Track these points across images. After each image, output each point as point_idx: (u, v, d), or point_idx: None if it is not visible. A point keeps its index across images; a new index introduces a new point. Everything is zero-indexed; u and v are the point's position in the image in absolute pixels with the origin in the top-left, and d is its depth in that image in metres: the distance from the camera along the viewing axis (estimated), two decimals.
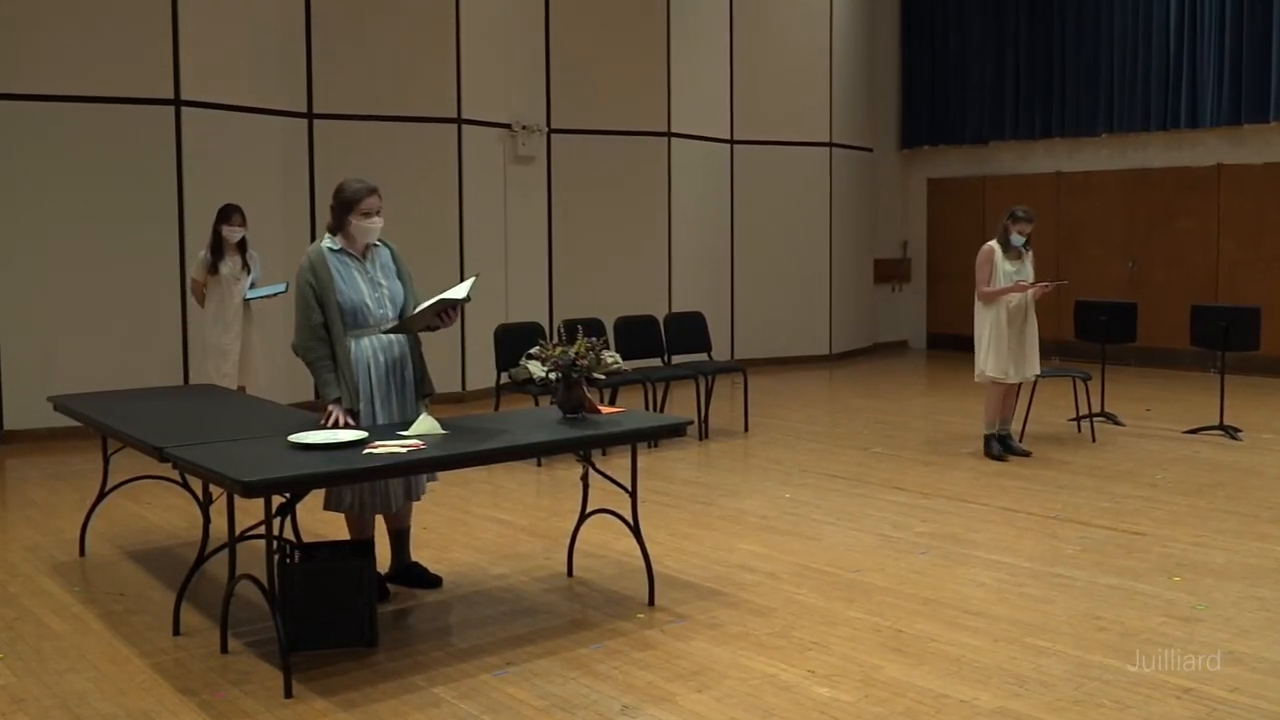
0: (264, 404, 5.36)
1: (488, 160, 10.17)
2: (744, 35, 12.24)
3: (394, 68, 9.53)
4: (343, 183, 4.43)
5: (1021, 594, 4.55)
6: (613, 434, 4.38)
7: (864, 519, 5.81)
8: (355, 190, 4.36)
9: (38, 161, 8.04)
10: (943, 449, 7.69)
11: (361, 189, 4.36)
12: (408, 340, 4.48)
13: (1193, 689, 3.58)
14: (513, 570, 4.94)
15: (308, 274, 4.30)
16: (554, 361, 4.43)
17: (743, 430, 8.46)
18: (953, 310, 13.29)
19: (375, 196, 4.38)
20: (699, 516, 5.90)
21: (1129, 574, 4.80)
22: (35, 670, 3.85)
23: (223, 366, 7.01)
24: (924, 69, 14.04)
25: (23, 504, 6.36)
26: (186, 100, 8.41)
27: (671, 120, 11.45)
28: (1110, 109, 12.29)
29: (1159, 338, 11.06)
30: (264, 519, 3.62)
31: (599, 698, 3.54)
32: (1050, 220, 12.16)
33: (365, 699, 3.55)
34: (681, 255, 11.63)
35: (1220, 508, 5.97)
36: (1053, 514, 5.86)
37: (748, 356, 11.81)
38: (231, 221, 7.02)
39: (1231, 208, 11.58)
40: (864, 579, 4.77)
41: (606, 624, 4.22)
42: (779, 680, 3.68)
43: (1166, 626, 4.15)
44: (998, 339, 7.09)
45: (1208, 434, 8.02)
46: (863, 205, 13.60)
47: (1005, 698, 3.53)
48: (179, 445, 3.97)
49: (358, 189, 4.36)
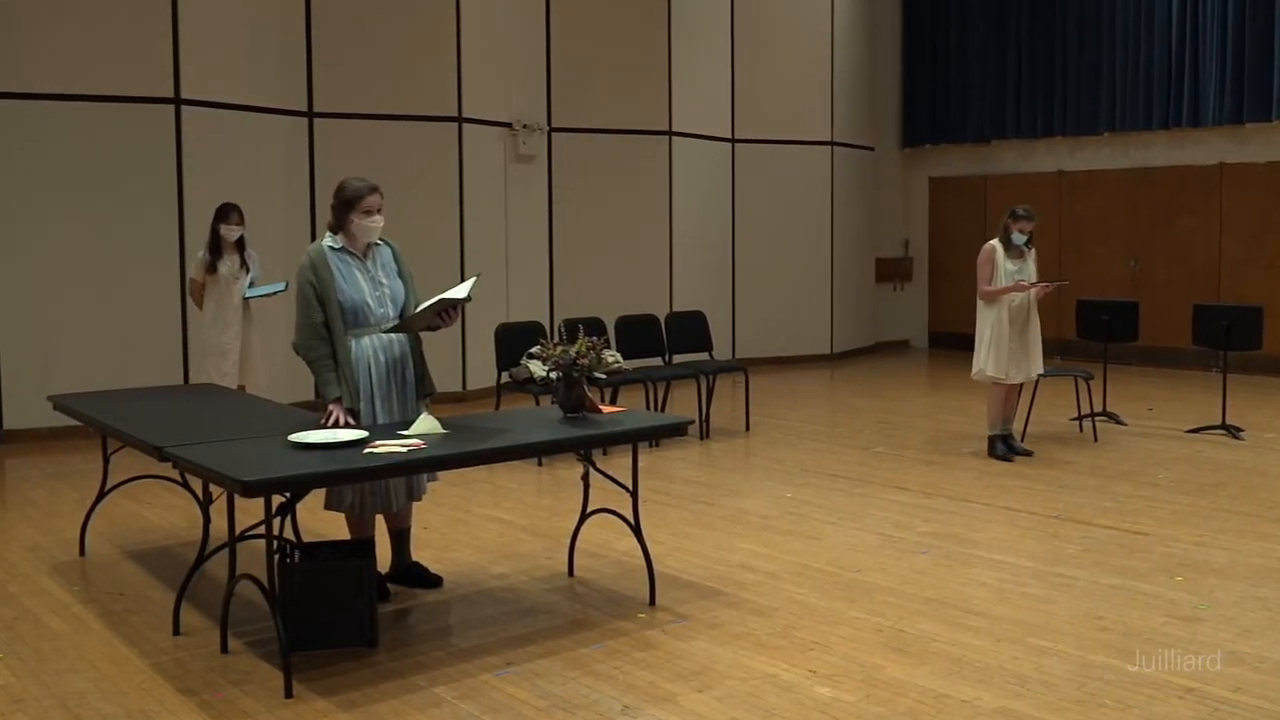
0: (264, 403, 5.36)
1: (488, 159, 10.16)
2: (745, 33, 12.23)
3: (394, 66, 9.52)
4: (343, 181, 4.42)
5: (1023, 594, 4.54)
6: (614, 433, 4.37)
7: (865, 519, 5.80)
8: (356, 189, 4.35)
9: (37, 161, 8.04)
10: (944, 449, 7.67)
11: (362, 187, 4.35)
12: (408, 339, 4.47)
13: (1195, 689, 3.58)
14: (513, 570, 4.94)
15: (308, 272, 4.29)
16: (555, 361, 4.42)
17: (744, 430, 8.45)
18: (954, 309, 13.27)
19: (376, 195, 4.37)
20: (700, 516, 5.89)
21: (1131, 574, 4.79)
22: (35, 670, 3.84)
23: (222, 366, 6.99)
24: (925, 67, 14.01)
25: (22, 503, 6.35)
26: (187, 99, 8.40)
27: (672, 119, 11.43)
28: (1112, 108, 12.27)
29: (1161, 337, 11.03)
30: (264, 518, 3.61)
31: (600, 698, 3.54)
32: (1052, 219, 12.15)
33: (366, 699, 3.54)
34: (682, 254, 11.62)
35: (1222, 507, 5.96)
36: (1055, 514, 5.85)
37: (749, 356, 11.79)
38: (230, 220, 7.01)
39: (1234, 207, 11.56)
40: (865, 579, 4.76)
41: (607, 624, 4.21)
42: (780, 680, 3.68)
43: (1169, 626, 4.14)
44: (999, 339, 7.08)
45: (1210, 433, 8.01)
46: (864, 204, 13.58)
47: (1007, 698, 3.52)
48: (179, 445, 3.97)
49: (359, 187, 4.35)
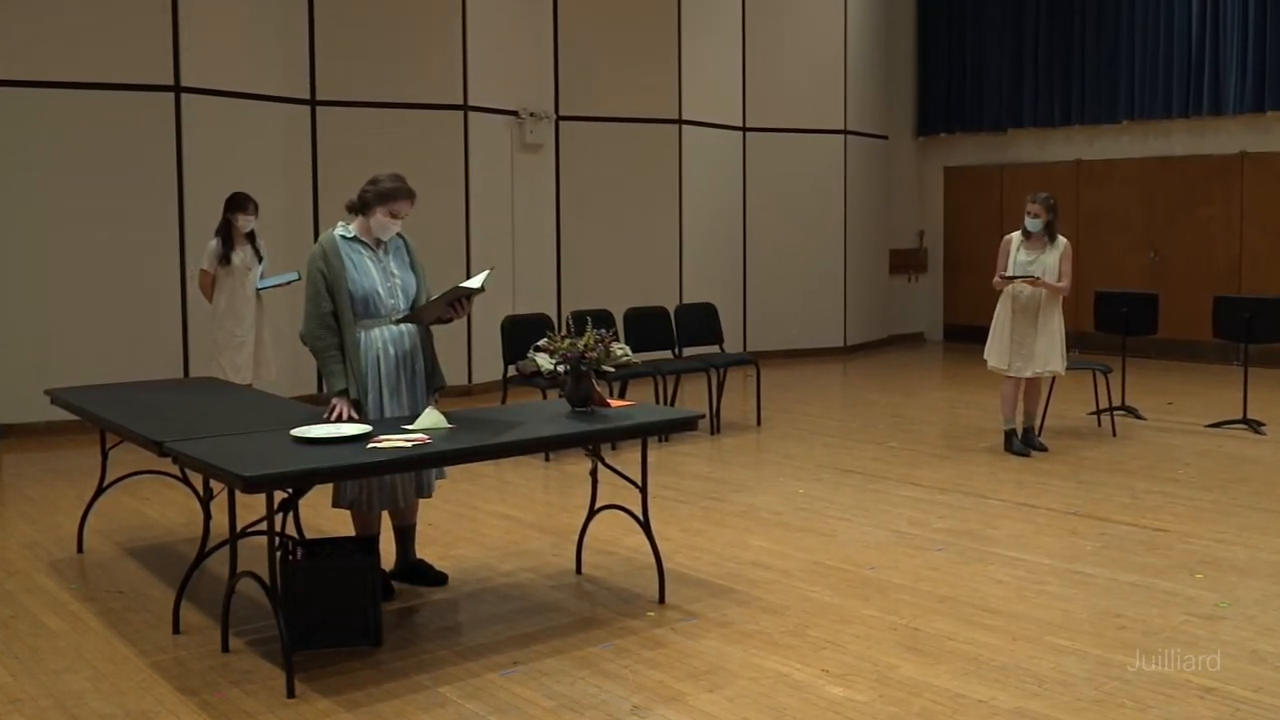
0: (266, 397, 5.34)
1: (495, 148, 10.10)
2: (757, 19, 12.14)
3: (399, 53, 9.46)
4: (382, 175, 4.40)
5: (1040, 591, 4.51)
6: (622, 428, 4.37)
7: (879, 515, 5.78)
8: (395, 187, 4.35)
9: (33, 150, 7.96)
10: (960, 443, 7.64)
11: (401, 188, 4.36)
12: (419, 332, 4.48)
13: (1215, 689, 3.57)
14: (520, 567, 4.92)
15: (319, 261, 4.31)
16: (562, 354, 4.42)
17: (755, 424, 8.41)
18: (970, 302, 13.19)
19: (409, 202, 4.38)
20: (710, 512, 5.87)
21: (1150, 571, 4.76)
22: (32, 669, 3.83)
23: (237, 360, 6.88)
24: (941, 54, 13.91)
25: (20, 500, 6.33)
26: (186, 87, 8.34)
27: (683, 107, 11.35)
28: (1131, 95, 12.16)
29: (1181, 329, 10.95)
30: (265, 515, 3.60)
31: (608, 697, 3.53)
32: (1070, 209, 12.04)
33: (369, 699, 3.53)
34: (692, 245, 11.56)
35: (1244, 503, 5.92)
36: (1072, 510, 5.82)
37: (760, 349, 11.71)
38: (246, 210, 6.91)
39: (1255, 196, 11.47)
40: (879, 576, 4.74)
41: (616, 622, 4.20)
42: (792, 680, 3.66)
43: (1189, 625, 4.12)
44: (1001, 329, 7.12)
45: (1231, 428, 7.97)
46: (878, 194, 13.50)
47: (1024, 698, 3.50)
48: (179, 439, 3.96)
49: (398, 187, 4.35)
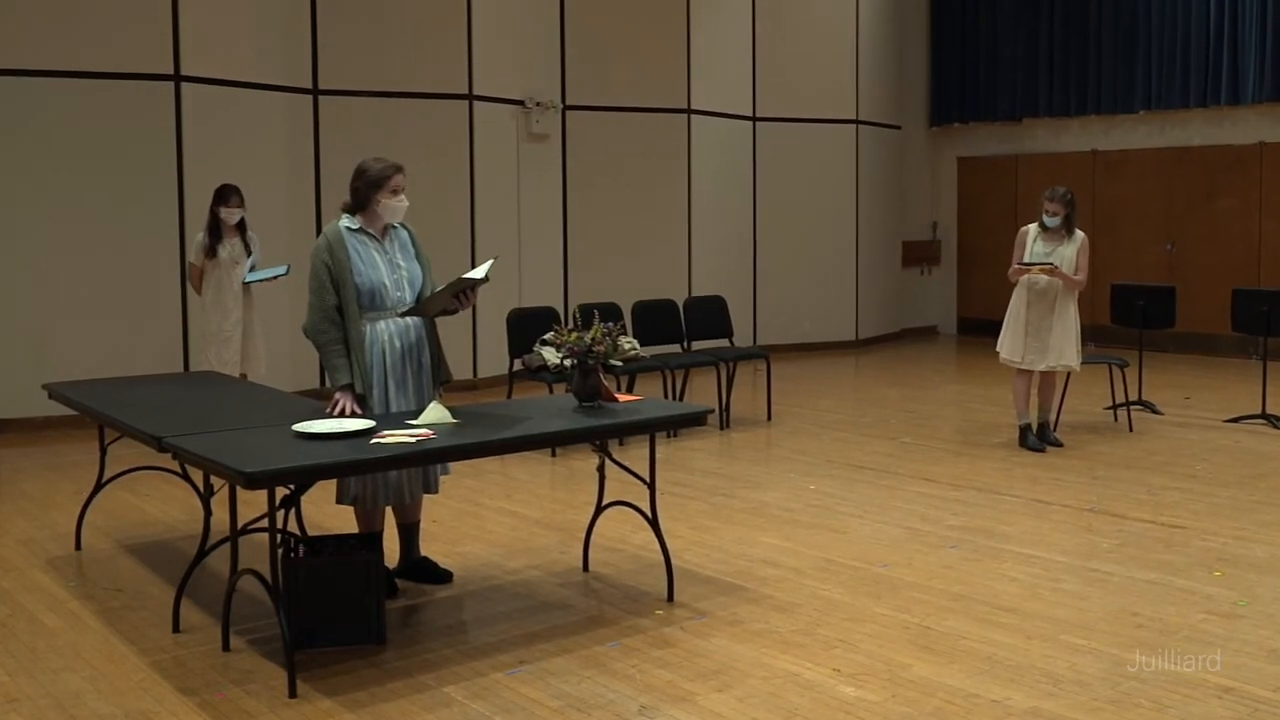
0: (267, 392, 5.33)
1: (500, 138, 10.05)
2: (767, 6, 12.07)
3: (402, 41, 9.42)
4: (364, 162, 4.40)
5: (1056, 589, 4.49)
6: (630, 423, 4.34)
7: (892, 511, 5.74)
8: (382, 168, 4.35)
9: (30, 141, 7.93)
10: (974, 439, 7.60)
11: (388, 166, 4.36)
12: (424, 325, 4.46)
13: (1234, 688, 3.53)
14: (526, 565, 4.90)
15: (324, 254, 4.29)
16: (569, 348, 4.39)
17: (765, 419, 8.36)
18: (984, 294, 13.14)
19: (402, 174, 4.39)
20: (719, 509, 5.84)
21: (1168, 569, 4.73)
22: (29, 669, 3.81)
23: (224, 354, 6.93)
24: (954, 42, 13.83)
25: (17, 496, 6.30)
26: (186, 75, 8.30)
27: (691, 96, 11.29)
28: (1148, 85, 12.07)
29: (1199, 323, 10.88)
30: (267, 511, 3.58)
31: (616, 697, 3.51)
32: (1086, 200, 11.93)
33: (372, 699, 3.52)
34: (701, 237, 11.50)
35: (1263, 500, 5.88)
36: (1088, 506, 5.78)
37: (771, 342, 11.71)
38: (230, 203, 6.93)
39: (1274, 187, 11.38)
40: (892, 574, 4.71)
41: (624, 620, 4.18)
42: (803, 679, 3.64)
43: (1207, 623, 4.09)
44: (1014, 321, 7.09)
45: (1249, 423, 7.92)
46: (890, 185, 13.44)
47: (1039, 697, 3.48)
48: (179, 434, 3.94)
49: (384, 167, 4.36)
